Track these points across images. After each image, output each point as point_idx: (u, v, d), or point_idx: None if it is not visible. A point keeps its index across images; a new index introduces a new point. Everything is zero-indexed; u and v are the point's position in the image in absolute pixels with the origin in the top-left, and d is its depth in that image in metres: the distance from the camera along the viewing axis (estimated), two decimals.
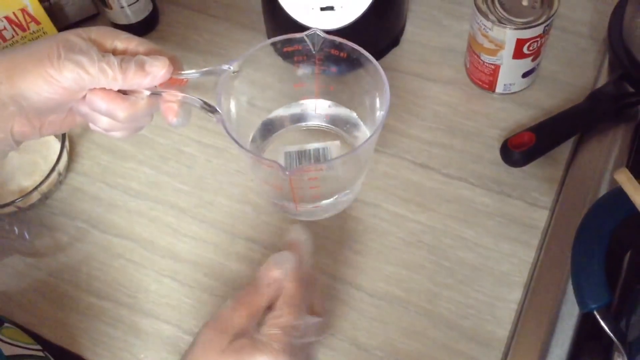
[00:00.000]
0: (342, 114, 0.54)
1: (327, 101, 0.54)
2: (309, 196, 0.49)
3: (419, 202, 0.64)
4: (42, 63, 0.40)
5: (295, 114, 0.54)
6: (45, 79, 0.40)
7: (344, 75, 0.52)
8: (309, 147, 0.55)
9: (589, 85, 0.68)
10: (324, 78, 0.52)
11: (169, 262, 0.63)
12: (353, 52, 0.51)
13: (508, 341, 0.57)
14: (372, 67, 0.49)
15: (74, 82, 0.40)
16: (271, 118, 0.54)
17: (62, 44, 0.40)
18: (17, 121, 0.42)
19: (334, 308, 0.59)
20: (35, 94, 0.40)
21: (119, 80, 0.41)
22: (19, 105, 0.41)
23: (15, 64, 0.40)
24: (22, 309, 0.62)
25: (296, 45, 0.50)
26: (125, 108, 0.42)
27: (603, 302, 0.45)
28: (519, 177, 0.64)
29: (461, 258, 0.60)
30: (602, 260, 0.45)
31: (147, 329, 0.60)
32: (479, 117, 0.68)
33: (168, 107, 0.44)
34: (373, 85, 0.50)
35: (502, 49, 0.63)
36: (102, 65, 0.40)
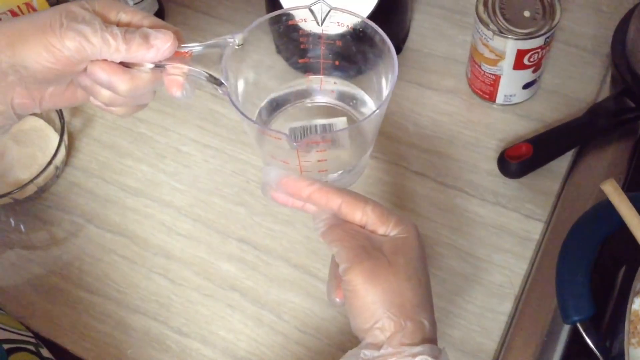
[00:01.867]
0: (348, 91, 0.53)
1: (332, 77, 0.53)
2: (316, 170, 0.48)
3: (412, 210, 0.63)
4: (44, 31, 0.39)
5: (300, 91, 0.53)
6: (47, 47, 0.39)
7: (350, 50, 0.50)
8: (315, 122, 0.53)
9: (590, 99, 0.68)
10: (329, 53, 0.51)
11: (161, 259, 0.63)
12: (359, 25, 0.49)
13: (496, 353, 0.56)
14: (380, 39, 0.47)
15: (75, 52, 0.40)
16: (276, 95, 0.53)
17: (65, 14, 0.40)
18: (17, 92, 0.41)
19: (322, 312, 0.59)
20: (36, 63, 0.40)
21: (122, 51, 0.40)
22: (19, 75, 0.40)
23: (17, 33, 0.40)
24: (13, 300, 0.62)
25: (302, 17, 0.48)
26: (127, 80, 0.42)
27: (586, 314, 0.44)
28: (515, 189, 0.63)
29: (453, 267, 0.60)
30: (588, 272, 0.45)
31: (134, 325, 0.60)
32: (478, 127, 0.68)
33: (172, 80, 0.44)
34: (380, 60, 0.48)
35: (503, 59, 0.63)
36: (105, 35, 0.40)
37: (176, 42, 0.42)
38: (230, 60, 0.45)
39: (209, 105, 0.73)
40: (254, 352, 0.58)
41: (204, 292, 0.61)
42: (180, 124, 0.72)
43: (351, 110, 0.53)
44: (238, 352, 0.58)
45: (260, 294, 0.60)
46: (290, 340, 0.58)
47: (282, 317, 0.59)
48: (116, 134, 0.72)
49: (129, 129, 0.72)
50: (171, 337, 0.59)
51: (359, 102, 0.53)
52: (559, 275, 0.47)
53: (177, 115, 0.72)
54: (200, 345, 0.58)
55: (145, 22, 0.42)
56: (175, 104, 0.73)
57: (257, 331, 0.59)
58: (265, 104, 0.53)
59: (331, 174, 0.50)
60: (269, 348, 0.58)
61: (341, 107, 0.54)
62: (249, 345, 0.58)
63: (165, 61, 0.43)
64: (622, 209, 0.42)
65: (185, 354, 0.58)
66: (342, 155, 0.49)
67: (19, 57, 0.40)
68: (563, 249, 0.48)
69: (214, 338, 0.59)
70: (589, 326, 0.44)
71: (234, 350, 0.58)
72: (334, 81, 0.53)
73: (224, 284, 0.61)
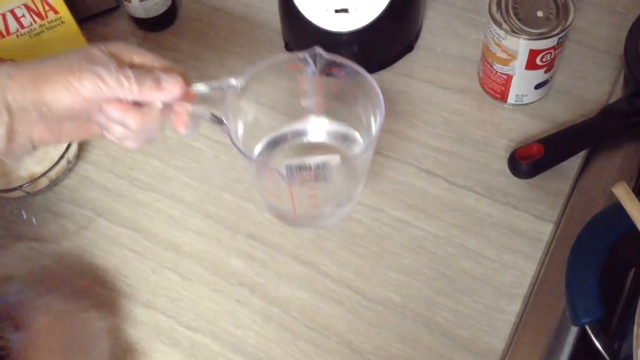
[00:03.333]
0: (341, 130, 0.57)
1: (327, 117, 0.57)
2: (307, 205, 0.52)
3: (422, 209, 0.63)
4: (65, 72, 0.42)
5: (297, 130, 0.58)
6: (67, 87, 0.43)
7: (343, 93, 0.54)
8: (309, 160, 0.57)
9: (602, 100, 0.68)
10: (325, 95, 0.55)
11: (171, 254, 0.64)
12: (352, 71, 0.53)
13: (504, 353, 0.56)
14: (369, 85, 0.52)
15: (92, 92, 0.43)
16: (275, 134, 0.57)
17: (84, 56, 0.43)
18: (37, 127, 0.44)
19: (330, 310, 0.59)
20: (57, 101, 0.43)
21: (134, 92, 0.44)
22: (40, 112, 0.43)
23: (41, 74, 0.43)
24: None
25: (299, 64, 0.52)
26: (139, 118, 0.45)
27: (595, 317, 0.44)
28: (525, 189, 0.63)
29: (462, 267, 0.60)
30: (597, 275, 0.45)
31: (144, 319, 0.60)
32: (489, 127, 0.67)
33: (178, 119, 0.47)
34: (370, 103, 0.53)
35: (515, 59, 0.62)
36: (119, 77, 0.43)
37: (184, 85, 0.46)
38: (232, 101, 0.49)
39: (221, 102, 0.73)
40: (262, 348, 0.58)
41: (213, 288, 0.61)
42: None
43: (344, 147, 0.57)
44: (246, 348, 0.58)
45: (269, 290, 0.61)
46: (299, 337, 0.58)
47: (291, 313, 0.59)
48: None
49: None
50: (180, 332, 0.59)
51: (350, 140, 0.57)
52: (568, 277, 0.47)
53: None
54: (209, 340, 0.59)
55: (156, 64, 0.46)
56: None
57: (266, 327, 0.59)
58: (265, 141, 0.57)
59: (323, 208, 0.53)
60: (277, 344, 0.58)
61: (334, 145, 0.57)
62: (257, 341, 0.58)
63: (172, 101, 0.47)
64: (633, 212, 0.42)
65: (194, 349, 0.58)
66: (334, 192, 0.52)
67: (42, 96, 0.43)
68: (573, 251, 0.48)
69: (223, 333, 0.59)
70: (598, 328, 0.44)
71: (242, 345, 0.58)
72: (328, 121, 0.57)
73: (233, 280, 0.61)
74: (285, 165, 0.57)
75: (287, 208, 0.54)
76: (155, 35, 0.79)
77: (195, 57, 0.77)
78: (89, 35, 0.76)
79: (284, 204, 0.53)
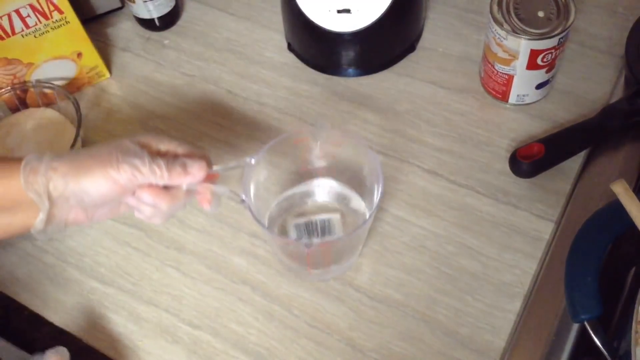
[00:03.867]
0: (343, 192, 0.63)
1: (328, 180, 0.63)
2: (320, 263, 0.58)
3: (424, 208, 0.64)
4: (104, 164, 0.47)
5: (303, 192, 0.64)
6: (106, 178, 0.47)
7: (344, 161, 0.61)
8: (314, 218, 0.63)
9: (603, 100, 0.68)
10: (326, 163, 0.61)
11: (174, 252, 0.64)
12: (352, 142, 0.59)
13: (504, 352, 0.56)
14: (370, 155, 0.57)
15: (129, 180, 0.47)
16: (283, 196, 0.64)
17: (120, 149, 0.48)
18: (74, 212, 0.49)
19: (331, 308, 0.59)
20: (96, 191, 0.47)
21: (165, 178, 0.49)
22: (79, 199, 0.48)
23: (81, 165, 0.47)
24: (28, 290, 0.63)
25: (305, 137, 0.59)
26: (168, 200, 0.50)
27: (594, 313, 0.44)
28: (526, 189, 0.63)
29: (463, 266, 0.60)
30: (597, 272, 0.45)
31: (147, 317, 0.61)
32: (491, 127, 0.68)
33: (202, 198, 0.52)
34: (369, 169, 0.58)
35: (516, 59, 0.63)
36: (152, 167, 0.48)
37: (207, 168, 0.51)
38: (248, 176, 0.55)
39: (224, 101, 0.74)
40: (263, 346, 0.58)
41: (215, 285, 0.62)
42: (195, 119, 0.72)
43: (343, 208, 0.63)
44: (248, 345, 0.58)
45: (271, 288, 0.61)
46: (300, 334, 0.58)
47: (292, 311, 0.60)
48: (132, 129, 0.73)
49: (145, 123, 0.73)
50: (182, 329, 0.60)
51: (352, 201, 0.63)
52: (568, 273, 0.48)
53: (192, 110, 0.73)
54: (210, 338, 0.59)
55: (180, 150, 0.51)
56: (191, 99, 0.74)
57: (267, 325, 0.59)
58: (275, 203, 0.63)
59: (334, 264, 0.59)
60: (279, 342, 0.58)
61: (336, 206, 0.64)
62: (259, 339, 0.59)
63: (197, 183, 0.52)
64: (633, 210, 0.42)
65: (196, 346, 0.59)
66: (342, 250, 0.58)
67: (82, 186, 0.47)
68: (573, 248, 0.49)
69: (225, 330, 0.59)
70: (597, 325, 0.44)
71: (244, 343, 0.59)
72: (330, 184, 0.63)
73: (235, 278, 0.62)
74: (294, 224, 0.63)
75: (302, 266, 0.61)
76: (159, 35, 0.80)
77: (198, 57, 0.78)
78: (94, 35, 0.76)
79: (299, 263, 0.60)
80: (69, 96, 0.69)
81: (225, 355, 0.58)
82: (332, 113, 0.71)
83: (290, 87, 0.74)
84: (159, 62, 0.78)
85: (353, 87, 0.73)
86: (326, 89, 0.73)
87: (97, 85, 0.77)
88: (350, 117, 0.70)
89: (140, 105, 0.75)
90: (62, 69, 0.74)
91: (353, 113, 0.71)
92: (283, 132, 0.70)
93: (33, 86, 0.71)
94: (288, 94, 0.73)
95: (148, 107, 0.74)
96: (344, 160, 0.61)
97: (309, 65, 0.75)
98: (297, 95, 0.73)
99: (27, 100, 0.72)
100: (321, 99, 0.72)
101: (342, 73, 0.73)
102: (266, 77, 0.75)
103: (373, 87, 0.73)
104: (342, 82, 0.73)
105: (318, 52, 0.74)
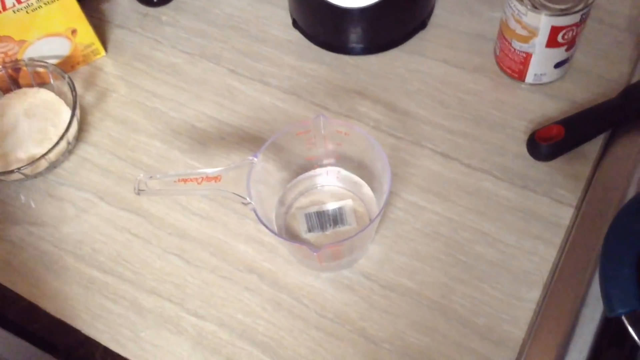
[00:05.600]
0: (350, 178, 0.61)
1: (336, 168, 0.61)
2: (331, 257, 0.56)
3: (437, 193, 0.61)
4: None
5: (311, 179, 0.62)
6: None
7: (350, 149, 0.59)
8: (326, 207, 0.61)
9: (623, 80, 0.65)
10: (332, 151, 0.59)
11: (176, 239, 0.61)
12: (355, 132, 0.56)
13: (524, 342, 0.54)
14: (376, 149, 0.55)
15: None
16: (290, 184, 0.62)
17: None
18: None
19: (342, 297, 0.57)
20: None
21: None
22: None
23: None
24: (24, 279, 0.60)
25: (308, 129, 0.56)
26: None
27: (632, 307, 0.42)
28: (544, 172, 0.61)
29: (479, 253, 0.58)
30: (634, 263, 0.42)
31: (149, 307, 0.58)
32: (506, 108, 0.65)
33: None
34: (375, 158, 0.55)
35: (535, 37, 0.60)
36: None
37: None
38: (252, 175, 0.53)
39: (226, 80, 0.70)
40: (272, 337, 0.56)
41: (220, 274, 0.59)
42: (195, 100, 0.69)
43: (355, 193, 0.61)
44: (256, 336, 0.56)
45: (279, 276, 0.58)
46: (310, 324, 0.56)
47: (302, 300, 0.57)
48: (130, 109, 0.70)
49: (143, 104, 0.70)
50: (187, 319, 0.57)
51: (361, 186, 0.61)
52: (603, 266, 0.45)
53: (192, 90, 0.70)
54: (216, 328, 0.57)
55: None
56: (190, 79, 0.71)
57: (275, 315, 0.57)
58: (281, 195, 0.61)
59: (345, 258, 0.57)
60: (288, 332, 0.56)
61: (346, 190, 0.62)
62: (267, 329, 0.56)
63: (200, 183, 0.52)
64: None
65: (201, 337, 0.56)
66: (352, 245, 0.56)
67: None
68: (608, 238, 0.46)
69: (231, 321, 0.57)
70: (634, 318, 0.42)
71: (251, 333, 0.56)
72: (338, 170, 0.61)
73: (241, 266, 0.59)
74: (304, 214, 0.60)
75: (314, 264, 0.58)
76: (156, 11, 0.77)
77: (199, 34, 0.74)
78: (88, 11, 0.73)
79: (310, 261, 0.58)
80: (63, 75, 0.66)
81: (232, 346, 0.56)
82: (339, 93, 0.68)
83: (296, 66, 0.71)
84: (157, 40, 0.75)
85: (361, 66, 0.70)
86: (333, 68, 0.70)
87: (92, 64, 0.74)
88: (359, 98, 0.67)
89: (137, 85, 0.71)
90: (56, 47, 0.70)
91: (362, 93, 0.68)
92: (288, 113, 0.67)
93: (26, 65, 0.68)
94: (293, 73, 0.70)
95: (146, 86, 0.71)
96: (350, 150, 0.59)
97: (315, 43, 0.72)
98: (302, 75, 0.70)
99: (19, 80, 0.69)
100: (328, 78, 0.69)
101: (350, 51, 0.70)
102: (270, 56, 0.72)
103: (382, 66, 0.69)
104: (350, 61, 0.70)
105: (325, 29, 0.71)
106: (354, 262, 0.58)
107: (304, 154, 0.60)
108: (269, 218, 0.58)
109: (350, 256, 0.57)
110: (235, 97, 0.69)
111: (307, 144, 0.58)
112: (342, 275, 0.58)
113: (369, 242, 0.59)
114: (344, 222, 0.60)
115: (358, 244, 0.56)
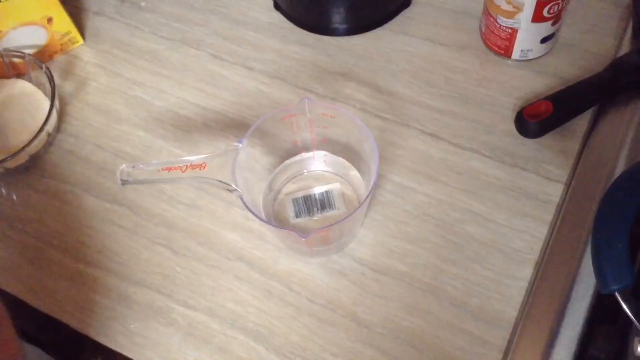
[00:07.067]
0: (337, 162, 0.60)
1: (322, 152, 0.60)
2: (320, 242, 0.56)
3: (426, 173, 0.60)
4: None
5: (298, 163, 0.61)
6: None
7: (336, 132, 0.58)
8: (313, 191, 0.60)
9: (610, 53, 0.65)
10: (318, 134, 0.58)
11: (162, 229, 0.60)
12: (341, 114, 0.55)
13: (517, 321, 0.54)
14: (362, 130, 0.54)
15: None
16: (277, 170, 0.61)
17: None
18: None
19: (333, 282, 0.56)
20: None
21: None
22: None
23: None
24: (8, 274, 0.59)
25: (293, 113, 0.55)
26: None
27: (626, 283, 0.42)
28: (533, 149, 0.60)
29: (470, 233, 0.57)
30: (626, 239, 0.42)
31: (137, 299, 0.57)
32: (493, 85, 0.64)
33: None
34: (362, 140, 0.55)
35: (521, 11, 0.59)
36: None
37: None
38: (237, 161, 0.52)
39: (208, 66, 0.69)
40: (263, 325, 0.55)
41: (209, 263, 0.58)
42: (178, 87, 0.68)
43: (342, 177, 0.61)
44: (247, 325, 0.55)
45: (269, 264, 0.58)
46: (302, 311, 0.55)
47: (292, 287, 0.56)
48: (110, 98, 0.68)
49: (124, 92, 0.68)
50: (177, 310, 0.56)
51: (348, 169, 0.60)
52: (595, 241, 0.45)
53: (174, 77, 0.69)
54: (207, 318, 0.56)
55: None
56: (172, 65, 0.70)
57: (266, 302, 0.56)
58: (268, 181, 0.60)
59: (334, 242, 0.56)
60: (280, 320, 0.55)
61: (334, 174, 0.61)
62: (259, 318, 0.56)
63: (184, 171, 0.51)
64: None
65: (191, 327, 0.56)
66: (341, 230, 0.55)
67: None
68: (600, 213, 0.46)
69: (222, 310, 0.56)
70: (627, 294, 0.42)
71: (242, 322, 0.55)
72: (324, 154, 0.60)
73: (230, 255, 0.58)
74: (291, 199, 0.60)
75: (303, 249, 0.58)
76: None
77: (178, 19, 0.73)
78: None
79: (300, 246, 0.57)
80: (40, 65, 0.64)
81: (223, 336, 0.55)
82: (323, 75, 0.67)
83: (279, 49, 0.69)
84: (136, 26, 0.73)
85: (345, 47, 0.69)
86: (317, 50, 0.69)
87: (70, 53, 0.72)
88: (344, 80, 0.66)
89: (117, 73, 0.70)
90: (32, 36, 0.68)
91: (346, 75, 0.67)
92: (272, 97, 0.66)
93: (1, 55, 0.66)
94: (276, 56, 0.69)
95: (126, 74, 0.70)
96: (337, 133, 0.58)
97: (297, 24, 0.70)
98: (286, 58, 0.69)
99: None
100: (312, 60, 0.68)
101: (333, 32, 0.69)
102: (252, 39, 0.70)
103: (367, 46, 0.68)
104: (334, 42, 0.69)
105: (306, 9, 0.69)
106: (344, 246, 0.58)
107: (290, 139, 0.58)
108: (257, 205, 0.57)
109: (339, 240, 0.57)
110: (218, 83, 0.68)
111: (292, 128, 0.57)
112: (332, 260, 0.57)
113: (358, 225, 0.58)
114: (332, 206, 0.59)
115: (347, 228, 0.55)
